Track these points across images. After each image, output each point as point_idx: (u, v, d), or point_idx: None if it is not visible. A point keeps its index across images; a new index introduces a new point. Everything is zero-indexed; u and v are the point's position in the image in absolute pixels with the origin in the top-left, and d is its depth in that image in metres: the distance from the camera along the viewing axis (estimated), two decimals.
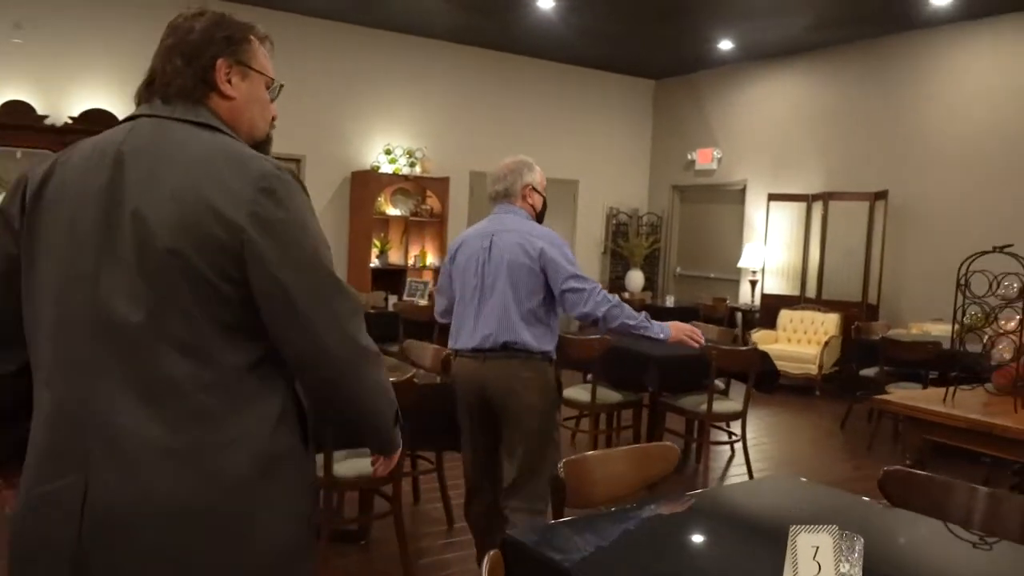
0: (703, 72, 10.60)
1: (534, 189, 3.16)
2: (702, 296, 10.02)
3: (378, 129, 9.21)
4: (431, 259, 9.40)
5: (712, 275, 10.60)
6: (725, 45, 9.30)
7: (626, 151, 11.21)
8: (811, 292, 8.83)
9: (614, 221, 11.10)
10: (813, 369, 7.73)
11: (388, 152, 9.10)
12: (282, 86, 1.55)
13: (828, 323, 8.22)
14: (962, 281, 3.16)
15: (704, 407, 4.72)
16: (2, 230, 1.40)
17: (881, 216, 8.04)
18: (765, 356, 5.04)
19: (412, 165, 9.21)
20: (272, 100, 1.53)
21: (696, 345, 3.17)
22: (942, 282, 8.22)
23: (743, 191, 10.14)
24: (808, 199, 8.97)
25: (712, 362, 4.60)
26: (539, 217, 3.19)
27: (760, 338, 8.20)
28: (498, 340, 2.95)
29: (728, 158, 10.31)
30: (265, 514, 1.35)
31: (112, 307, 1.29)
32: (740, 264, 9.82)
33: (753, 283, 9.63)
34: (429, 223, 9.40)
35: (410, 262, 9.18)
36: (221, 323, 1.31)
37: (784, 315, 8.51)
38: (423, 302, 7.11)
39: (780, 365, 6.29)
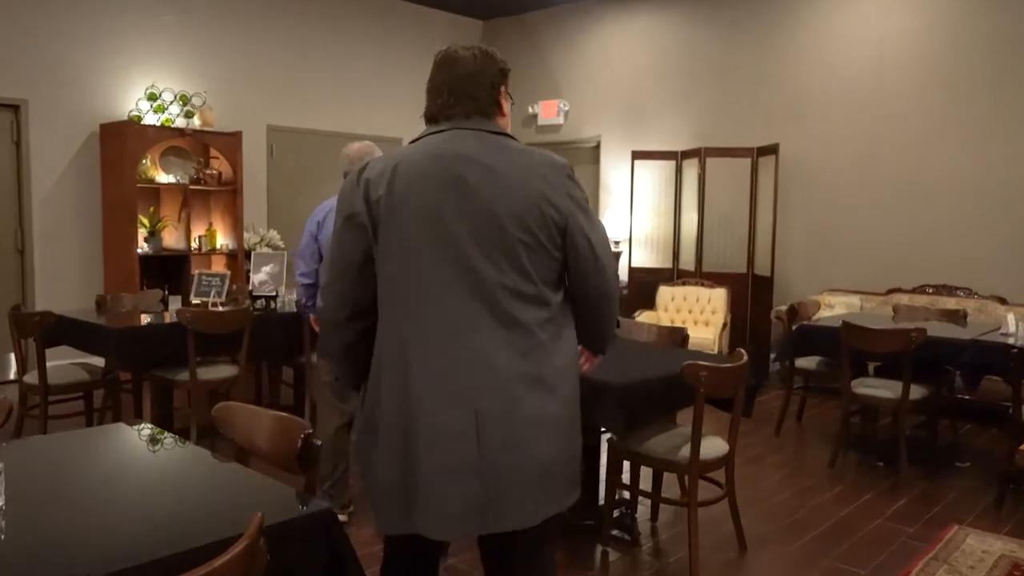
0: (539, 12, 9.07)
1: None
2: None
3: (137, 67, 6.77)
4: (223, 240, 7.16)
5: None
6: None
7: None
8: (687, 264, 7.64)
9: None
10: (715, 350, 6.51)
11: (153, 98, 6.71)
12: None
13: (715, 300, 7.05)
14: None
15: (682, 453, 3.19)
16: (356, 230, 1.85)
17: (770, 174, 6.96)
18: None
19: (189, 116, 6.88)
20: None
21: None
22: (832, 248, 7.54)
23: (596, 148, 8.77)
24: (678, 157, 7.74)
25: (700, 388, 3.06)
26: None
27: (643, 322, 6.87)
28: None
29: (577, 111, 8.88)
30: (578, 417, 1.96)
31: (484, 274, 1.79)
32: None
33: (616, 255, 8.32)
34: (217, 192, 7.14)
35: (194, 245, 6.90)
36: (551, 276, 1.86)
37: (664, 293, 7.25)
38: (221, 304, 5.02)
39: None
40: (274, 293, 5.20)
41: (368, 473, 1.92)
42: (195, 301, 5.01)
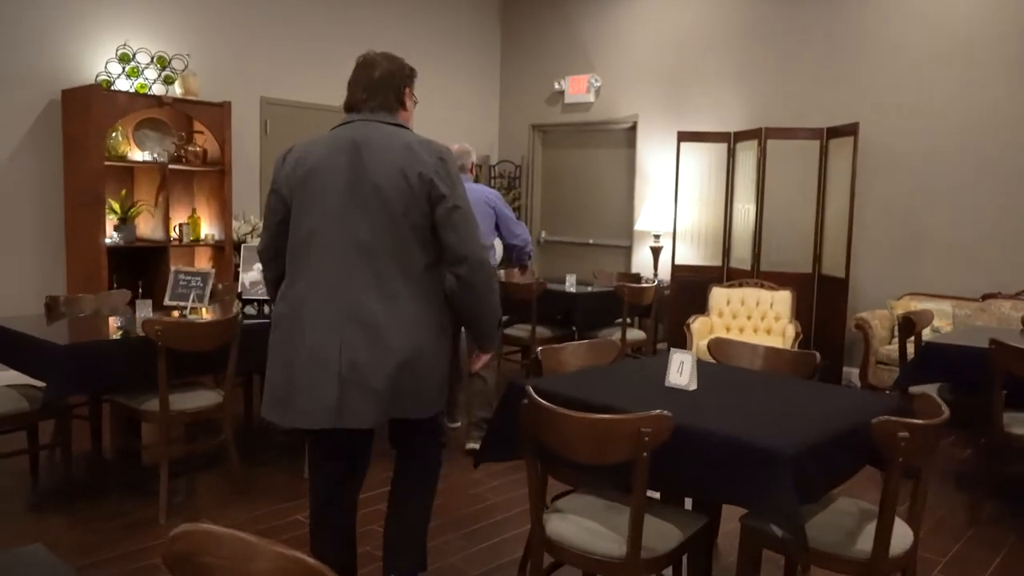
0: None
1: None
2: (582, 270, 7.60)
3: (108, 22, 5.74)
4: (208, 229, 6.15)
5: (592, 241, 8.21)
6: None
7: (467, 80, 8.45)
8: (740, 262, 6.69)
9: None
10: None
11: (126, 59, 5.68)
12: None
13: (779, 304, 6.10)
14: None
15: (860, 545, 2.21)
16: (277, 197, 2.39)
17: (843, 159, 6.00)
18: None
19: (168, 82, 5.86)
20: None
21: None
22: (916, 245, 6.04)
23: (632, 130, 7.78)
24: (730, 139, 6.78)
25: (898, 456, 2.09)
26: None
27: (699, 328, 5.92)
28: None
29: (610, 88, 7.89)
30: (441, 358, 2.39)
31: (359, 233, 2.27)
32: (639, 226, 7.49)
33: (656, 251, 7.35)
34: (202, 174, 6.12)
35: (173, 235, 5.89)
36: (418, 238, 2.30)
37: (718, 295, 6.29)
38: (206, 312, 4.03)
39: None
40: (268, 296, 4.21)
41: (269, 376, 2.39)
42: (170, 304, 4.02)
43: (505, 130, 8.73)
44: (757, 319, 6.17)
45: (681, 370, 2.61)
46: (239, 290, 4.24)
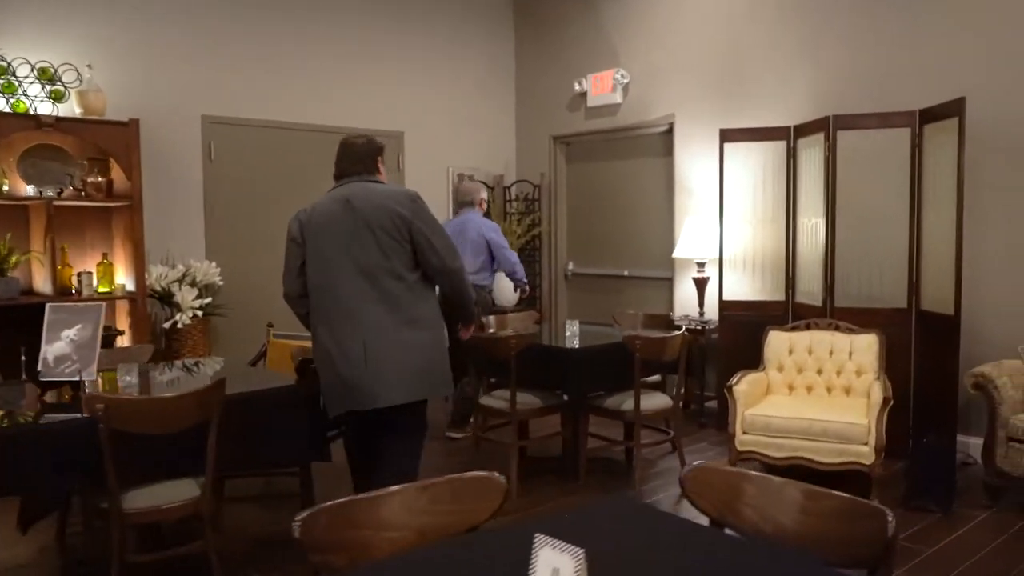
0: None
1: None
2: (620, 308, 6.09)
3: None
4: (121, 279, 4.98)
5: (627, 273, 6.68)
6: None
7: (478, 86, 7.13)
8: (808, 295, 5.04)
9: None
10: (865, 456, 3.89)
11: (1, 71, 4.60)
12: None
13: (862, 352, 4.43)
14: None
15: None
16: (296, 247, 3.12)
17: (947, 149, 4.31)
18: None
19: (57, 99, 4.74)
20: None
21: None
22: None
23: (669, 134, 6.25)
24: (789, 134, 5.18)
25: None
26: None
27: (748, 390, 4.29)
28: None
29: (640, 85, 6.40)
30: (439, 348, 3.14)
31: (362, 262, 3.01)
32: (679, 252, 5.93)
33: (701, 283, 5.77)
34: (109, 211, 4.98)
35: (76, 287, 4.74)
36: (405, 260, 3.05)
37: (776, 342, 4.65)
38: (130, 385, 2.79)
39: (798, 447, 3.98)
40: (77, 377, 2.93)
41: (323, 380, 3.14)
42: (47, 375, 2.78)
43: (523, 145, 7.34)
44: (831, 373, 4.51)
45: None
46: (38, 368, 2.97)
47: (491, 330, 4.96)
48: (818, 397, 4.46)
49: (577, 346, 4.29)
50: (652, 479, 4.47)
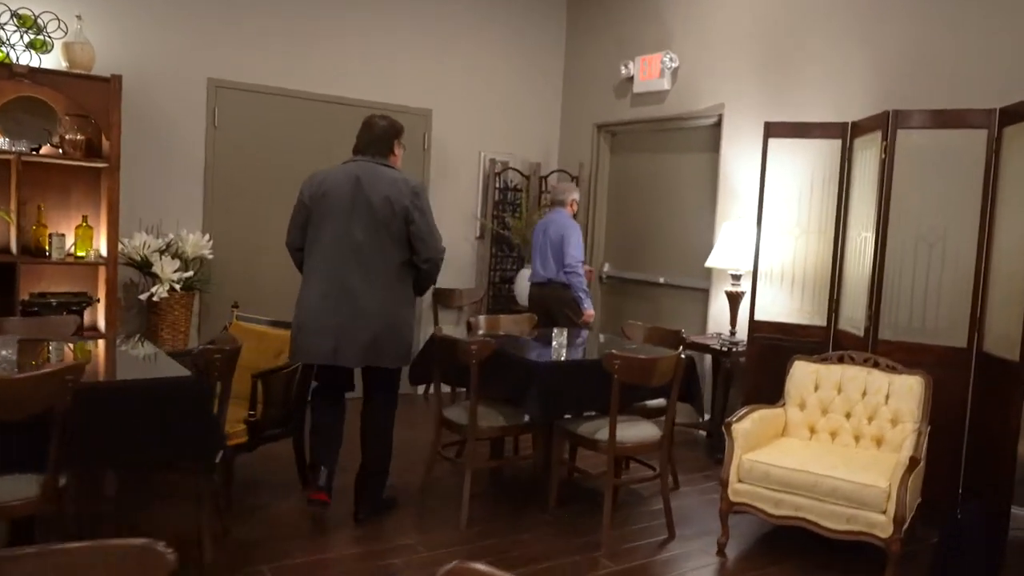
0: None
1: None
2: (643, 317, 5.47)
3: None
4: (99, 241, 4.72)
5: (663, 280, 6.01)
6: None
7: (522, 65, 6.59)
8: (851, 322, 4.28)
9: (499, 183, 6.48)
10: (880, 528, 3.16)
11: None
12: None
13: (900, 396, 3.68)
14: None
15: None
16: (304, 208, 3.45)
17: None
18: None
19: (40, 49, 4.50)
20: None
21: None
22: None
23: (717, 127, 5.55)
24: (845, 132, 4.42)
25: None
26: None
27: (753, 429, 3.61)
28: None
29: (690, 69, 5.71)
30: (407, 324, 3.51)
31: (355, 236, 3.34)
32: (712, 261, 5.24)
33: (734, 298, 5.07)
34: (82, 172, 4.71)
35: (50, 250, 4.50)
36: (396, 243, 3.39)
37: (801, 373, 3.94)
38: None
39: (800, 506, 3.33)
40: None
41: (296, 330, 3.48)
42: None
43: (566, 132, 6.76)
44: (861, 418, 3.78)
45: None
46: None
47: (480, 331, 4.45)
48: (842, 446, 3.74)
49: (543, 359, 3.71)
50: (634, 520, 3.86)
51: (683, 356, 3.60)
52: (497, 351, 3.56)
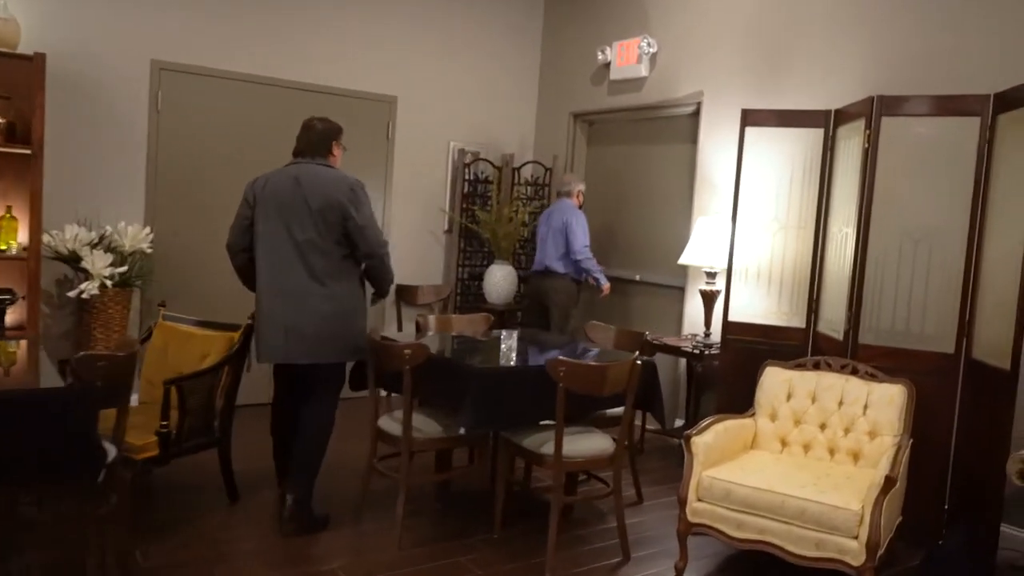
0: None
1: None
2: (616, 318, 5.15)
3: None
4: (25, 234, 4.40)
5: (638, 278, 5.68)
6: None
7: (495, 51, 6.26)
8: (831, 324, 3.95)
9: (468, 175, 6.14)
10: (852, 555, 2.83)
11: None
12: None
13: (879, 406, 3.35)
14: None
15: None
16: (247, 209, 3.45)
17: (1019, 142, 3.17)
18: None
19: None
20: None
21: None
22: None
23: (695, 116, 5.21)
24: (828, 120, 4.08)
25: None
26: None
27: (716, 443, 3.28)
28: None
29: (669, 54, 5.37)
30: (359, 321, 3.48)
31: (296, 235, 3.33)
32: (685, 258, 4.90)
33: (708, 297, 4.74)
34: (7, 159, 4.37)
35: None
36: (335, 240, 3.37)
37: (773, 380, 3.61)
38: None
39: (765, 528, 3.00)
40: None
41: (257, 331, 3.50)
42: None
43: (542, 122, 6.43)
44: (837, 430, 3.45)
45: None
46: None
47: (431, 332, 4.12)
48: (815, 461, 3.41)
49: (479, 365, 3.38)
50: (589, 540, 3.53)
51: (640, 362, 3.26)
52: (433, 356, 3.23)
